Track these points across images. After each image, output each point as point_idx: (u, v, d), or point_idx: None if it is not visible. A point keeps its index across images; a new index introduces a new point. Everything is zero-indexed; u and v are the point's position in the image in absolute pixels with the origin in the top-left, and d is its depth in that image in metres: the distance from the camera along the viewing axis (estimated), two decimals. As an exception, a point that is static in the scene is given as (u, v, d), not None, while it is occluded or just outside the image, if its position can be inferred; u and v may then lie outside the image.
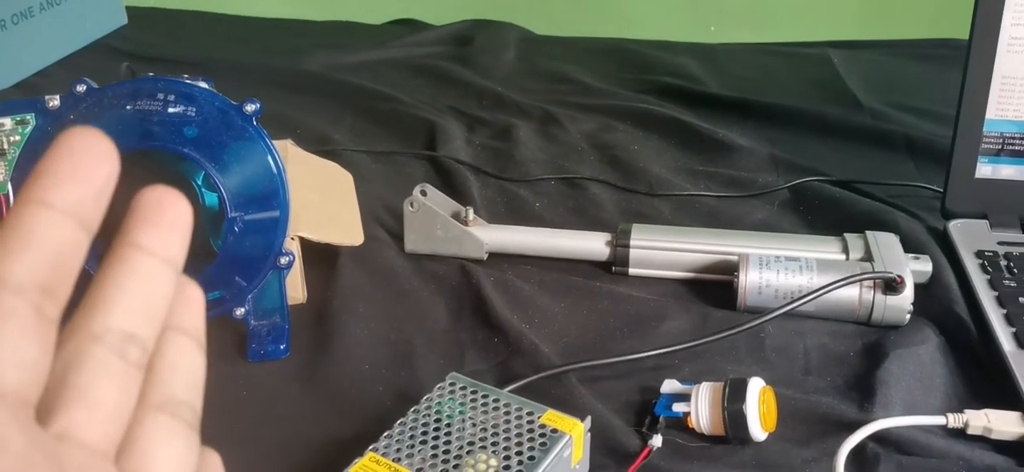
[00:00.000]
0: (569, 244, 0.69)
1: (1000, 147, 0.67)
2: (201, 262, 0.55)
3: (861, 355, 0.58)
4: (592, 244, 0.68)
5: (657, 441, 0.50)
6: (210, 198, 0.56)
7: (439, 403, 0.48)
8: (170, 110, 0.55)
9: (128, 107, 0.55)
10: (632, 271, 0.67)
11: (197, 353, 0.25)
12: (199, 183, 0.56)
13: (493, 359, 0.58)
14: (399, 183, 0.82)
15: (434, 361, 0.57)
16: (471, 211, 0.69)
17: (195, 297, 0.26)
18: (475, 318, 0.62)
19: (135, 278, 0.23)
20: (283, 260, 0.58)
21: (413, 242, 0.69)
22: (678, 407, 0.51)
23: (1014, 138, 0.67)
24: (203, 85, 0.58)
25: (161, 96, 0.55)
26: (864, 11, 1.28)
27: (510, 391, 0.52)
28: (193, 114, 0.55)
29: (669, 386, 0.53)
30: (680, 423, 0.51)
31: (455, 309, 0.63)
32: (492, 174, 0.83)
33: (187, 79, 0.59)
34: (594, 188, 0.81)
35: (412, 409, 0.47)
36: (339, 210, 0.69)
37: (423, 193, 0.69)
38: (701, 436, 0.51)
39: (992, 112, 0.67)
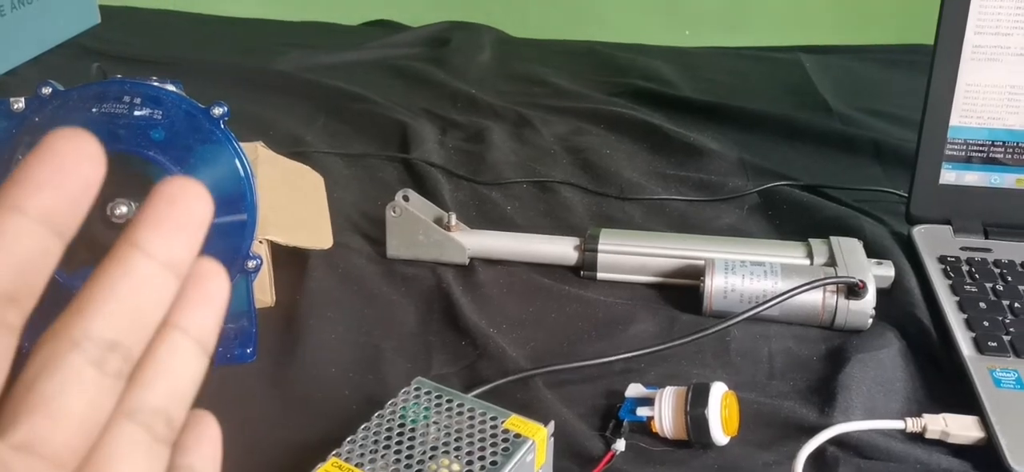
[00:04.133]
0: (539, 249, 0.69)
1: (964, 154, 0.68)
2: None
3: (824, 359, 0.59)
4: (561, 249, 0.69)
5: (620, 445, 0.50)
6: (177, 201, 0.56)
7: (403, 408, 0.48)
8: (136, 113, 0.55)
9: (94, 110, 0.55)
10: (600, 275, 0.67)
11: (195, 357, 0.24)
12: (166, 186, 0.55)
13: (460, 363, 0.58)
14: (371, 186, 0.82)
15: (401, 365, 0.57)
16: (453, 217, 0.69)
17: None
18: (443, 322, 0.62)
19: (128, 282, 0.22)
20: (251, 264, 0.58)
21: (395, 248, 0.69)
22: (642, 411, 0.52)
23: (978, 145, 0.68)
24: (171, 87, 0.58)
25: (127, 99, 0.55)
26: (836, 16, 1.29)
27: (475, 395, 0.52)
28: (159, 117, 0.55)
29: (634, 390, 0.54)
30: (644, 427, 0.52)
31: (424, 313, 0.63)
32: (464, 177, 0.83)
33: (155, 81, 0.58)
34: (565, 191, 0.81)
35: (376, 414, 0.47)
36: (309, 213, 0.69)
37: (405, 198, 0.69)
38: (664, 440, 0.51)
39: (956, 119, 0.68)
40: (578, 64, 1.15)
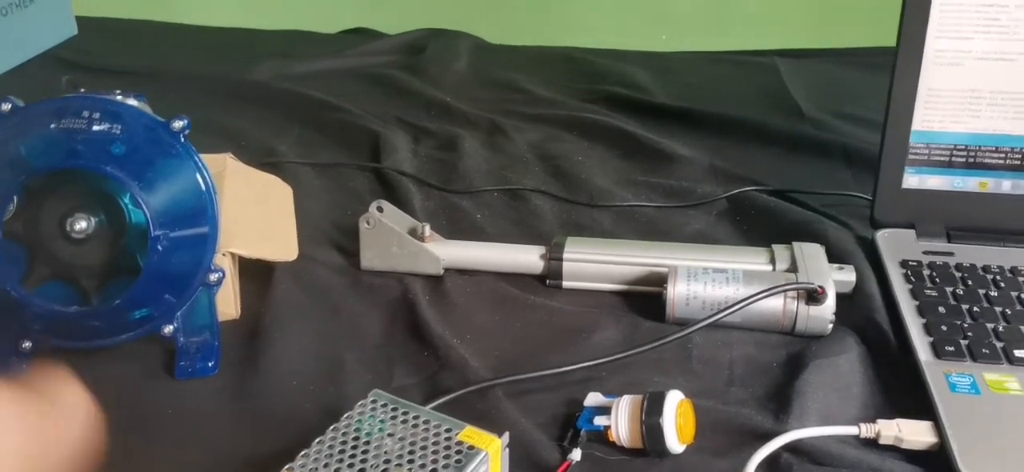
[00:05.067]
0: (506, 258, 0.69)
1: (927, 158, 0.69)
2: (129, 279, 0.55)
3: (784, 365, 0.59)
4: (528, 258, 0.69)
5: (576, 455, 0.51)
6: (138, 215, 0.56)
7: (359, 421, 0.48)
8: (95, 128, 0.55)
9: (53, 126, 0.55)
10: (566, 284, 0.68)
11: None
12: (126, 200, 0.56)
13: (422, 374, 0.58)
14: (342, 196, 0.82)
15: (363, 377, 0.58)
16: (428, 227, 0.70)
17: None
18: (407, 333, 0.62)
19: None
20: (213, 277, 0.58)
21: (369, 259, 0.70)
22: (599, 420, 0.52)
23: (940, 149, 0.68)
24: (132, 102, 0.58)
25: (86, 114, 0.55)
26: (814, 19, 1.29)
27: (434, 406, 0.53)
28: (119, 132, 0.55)
29: (592, 399, 0.54)
30: (601, 436, 0.52)
31: (388, 324, 0.64)
32: (435, 186, 0.84)
33: (119, 95, 0.59)
34: (536, 199, 0.82)
35: (331, 427, 0.47)
36: (275, 225, 0.69)
37: (379, 209, 0.69)
38: (621, 449, 0.52)
39: (918, 123, 0.68)
40: (555, 70, 1.15)
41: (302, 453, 0.46)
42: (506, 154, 0.91)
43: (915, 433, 0.51)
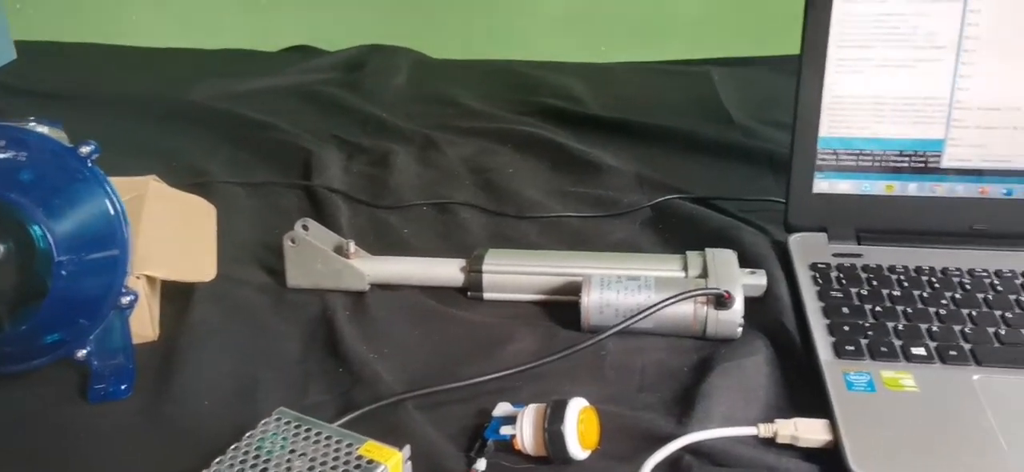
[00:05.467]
0: (427, 272, 0.70)
1: (835, 163, 0.71)
2: (39, 304, 0.56)
3: (694, 369, 0.60)
4: (448, 271, 0.70)
5: (481, 465, 0.51)
6: (47, 241, 0.56)
7: (261, 439, 0.49)
8: (1, 156, 0.55)
9: (-41, 155, 0.55)
10: (487, 295, 0.69)
11: None
12: (35, 226, 0.56)
13: (335, 391, 0.59)
14: (271, 215, 0.83)
15: (276, 396, 0.58)
16: (352, 244, 0.70)
17: None
18: (325, 350, 0.63)
19: None
20: (125, 300, 0.59)
21: (295, 277, 0.70)
22: (505, 430, 0.53)
23: (847, 154, 0.70)
24: (43, 129, 0.59)
25: (-8, 142, 0.56)
26: (748, 28, 1.32)
27: (343, 422, 0.53)
28: (24, 159, 0.55)
29: (501, 409, 0.55)
30: (508, 446, 0.53)
31: (307, 342, 0.64)
32: (363, 201, 0.84)
33: (32, 122, 0.59)
34: (464, 213, 0.83)
35: (232, 446, 0.48)
36: (194, 246, 0.70)
37: (305, 227, 0.70)
38: (528, 458, 0.53)
39: (825, 130, 0.70)
40: (493, 84, 1.17)
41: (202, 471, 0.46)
42: (438, 168, 0.92)
43: (811, 431, 0.52)
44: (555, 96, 1.10)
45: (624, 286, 0.64)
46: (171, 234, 0.68)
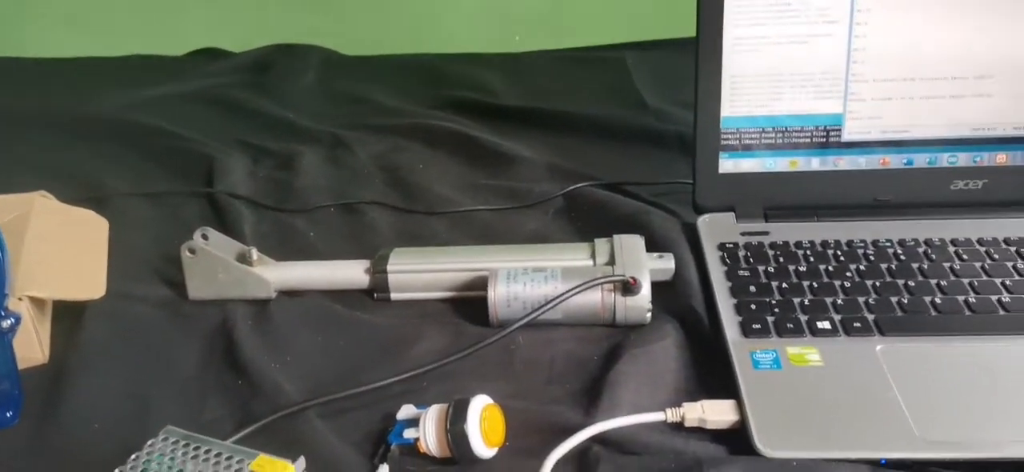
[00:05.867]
0: (331, 276, 0.68)
1: (738, 142, 0.71)
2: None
3: (604, 358, 0.60)
4: (353, 273, 0.68)
5: (384, 470, 0.50)
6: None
7: (147, 461, 0.46)
8: None
9: None
10: (394, 296, 0.67)
11: None
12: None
13: (234, 404, 0.57)
14: (172, 226, 0.80)
15: (170, 413, 0.56)
16: (255, 251, 0.68)
17: None
18: (223, 364, 0.61)
19: None
20: (5, 323, 0.56)
21: (196, 289, 0.68)
22: (409, 433, 0.51)
23: (750, 133, 0.70)
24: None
25: None
26: (660, 9, 1.31)
27: (240, 437, 0.51)
28: None
29: (405, 412, 0.53)
30: (413, 449, 0.51)
31: (205, 357, 0.62)
32: (267, 206, 0.82)
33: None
34: (372, 212, 0.81)
35: (117, 470, 0.46)
36: (82, 263, 0.67)
37: (204, 237, 0.67)
38: (433, 460, 0.51)
39: (727, 110, 0.70)
40: (406, 79, 1.15)
41: (83, 501, 0.44)
42: (347, 168, 0.90)
43: (718, 413, 0.52)
44: (468, 89, 1.09)
45: (531, 278, 0.63)
46: (58, 252, 0.65)
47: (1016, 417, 0.50)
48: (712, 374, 0.57)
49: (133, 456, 0.46)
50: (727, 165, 0.71)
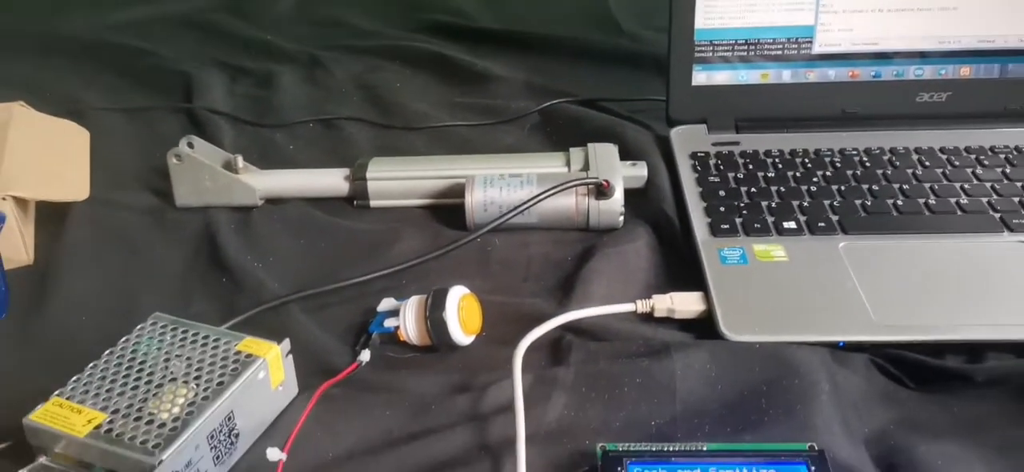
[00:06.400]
0: (310, 183, 0.70)
1: (711, 55, 0.72)
2: None
3: (578, 259, 0.61)
4: (332, 181, 0.69)
5: (365, 356, 0.52)
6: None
7: (136, 343, 0.48)
8: None
9: None
10: (373, 203, 0.69)
11: None
12: None
13: (219, 300, 0.58)
14: (151, 139, 0.80)
15: (158, 308, 0.57)
16: (240, 159, 0.69)
17: None
18: (208, 265, 0.62)
19: None
20: (-10, 222, 0.57)
21: (183, 196, 0.68)
22: (389, 322, 0.53)
23: (723, 45, 0.72)
24: None
25: None
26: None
27: (227, 327, 0.53)
28: None
29: (385, 305, 0.55)
30: (393, 338, 0.53)
31: (190, 258, 0.63)
32: (247, 121, 0.83)
33: None
34: (350, 127, 0.82)
35: (107, 351, 0.47)
36: (65, 167, 0.67)
37: (190, 145, 0.68)
38: (413, 348, 0.53)
39: (701, 22, 0.71)
40: (382, 3, 1.14)
41: (74, 378, 0.45)
42: (324, 87, 0.91)
43: (686, 303, 0.54)
44: (445, 12, 1.09)
45: (507, 184, 0.64)
46: (40, 155, 0.66)
47: (967, 305, 0.52)
48: (682, 273, 0.59)
49: (123, 339, 0.48)
50: (700, 77, 0.73)
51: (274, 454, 0.44)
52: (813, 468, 0.41)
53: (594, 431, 0.46)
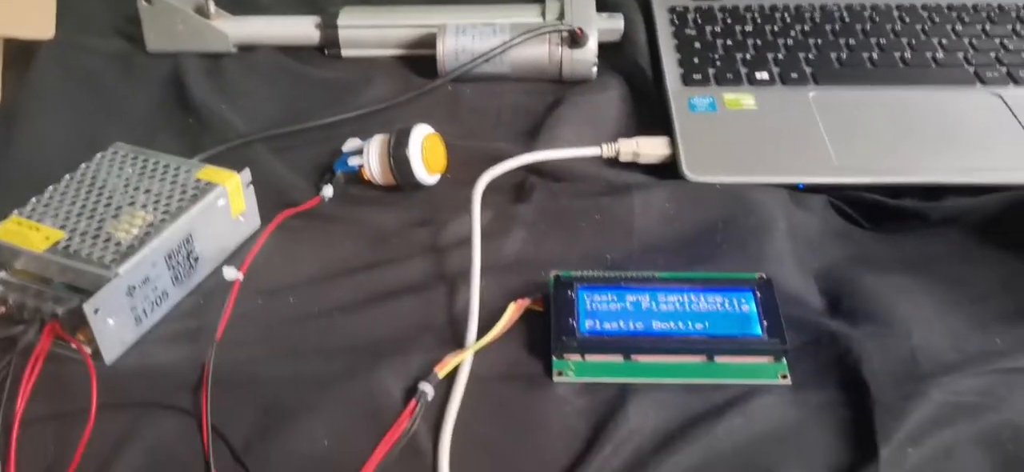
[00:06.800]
0: (281, 31, 0.69)
1: (693, -93, 0.70)
2: None
3: (550, 108, 0.61)
4: (304, 29, 0.68)
5: (328, 191, 0.52)
6: None
7: (97, 168, 0.48)
8: None
9: None
10: (345, 52, 0.68)
11: None
12: None
13: (185, 139, 0.58)
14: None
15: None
16: (212, 4, 0.68)
17: None
18: (175, 106, 0.62)
19: None
20: (-47, 55, 0.56)
21: (153, 41, 0.68)
22: (353, 161, 0.53)
23: (706, -102, 0.70)
24: None
25: None
26: None
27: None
28: None
29: (350, 145, 0.55)
30: (357, 177, 0.53)
31: (157, 101, 0.63)
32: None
33: None
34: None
35: (67, 174, 0.47)
36: (31, 6, 0.66)
37: None
38: (377, 187, 0.53)
39: None
40: None
41: (34, 198, 0.46)
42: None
43: (651, 148, 0.54)
44: None
45: (480, 32, 0.63)
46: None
47: (931, 151, 0.52)
48: (652, 123, 0.59)
49: (83, 165, 0.48)
50: (682, -69, 0.71)
51: (231, 273, 0.44)
52: (759, 295, 0.42)
53: (550, 263, 0.46)
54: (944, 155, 0.52)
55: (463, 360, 0.41)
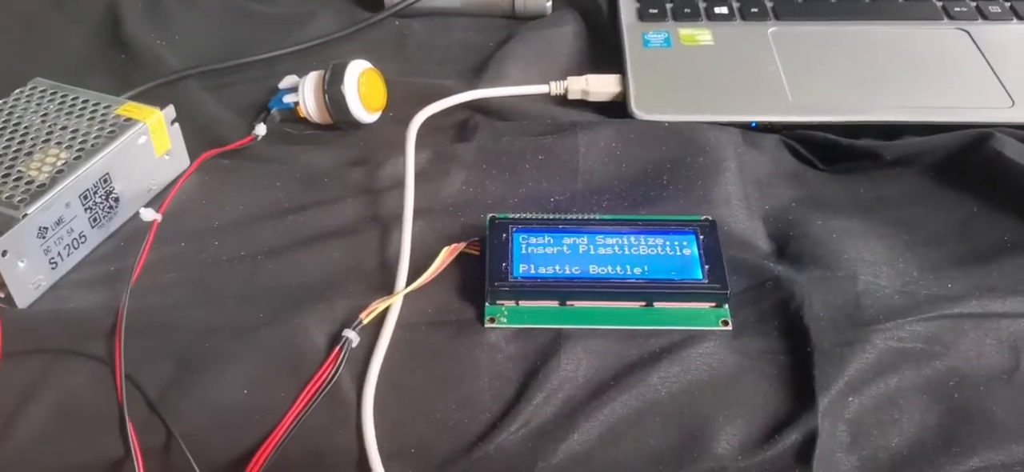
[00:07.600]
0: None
1: None
2: None
3: (500, 45, 0.59)
4: (248, -40, 0.65)
5: (260, 130, 0.50)
6: None
7: (13, 104, 0.46)
8: None
9: None
10: (290, -13, 0.65)
11: None
12: None
13: (116, 76, 0.55)
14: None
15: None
16: None
17: None
18: (108, 41, 0.59)
19: None
20: None
21: None
22: (289, 98, 0.51)
23: None
24: None
25: None
26: None
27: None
28: None
29: (287, 82, 0.52)
30: (293, 115, 0.51)
31: (89, 38, 0.60)
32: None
33: None
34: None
35: (-22, 113, 0.45)
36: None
37: None
38: (314, 126, 0.51)
39: None
40: None
41: (-60, 138, 0.43)
42: None
43: (601, 85, 0.52)
44: None
45: (429, -37, 0.61)
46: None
47: (890, 89, 0.50)
48: (606, 61, 0.57)
49: (0, 100, 0.46)
50: None
51: (148, 214, 0.42)
52: (702, 238, 0.40)
53: (491, 206, 0.44)
54: (904, 93, 0.50)
55: (390, 306, 0.39)
